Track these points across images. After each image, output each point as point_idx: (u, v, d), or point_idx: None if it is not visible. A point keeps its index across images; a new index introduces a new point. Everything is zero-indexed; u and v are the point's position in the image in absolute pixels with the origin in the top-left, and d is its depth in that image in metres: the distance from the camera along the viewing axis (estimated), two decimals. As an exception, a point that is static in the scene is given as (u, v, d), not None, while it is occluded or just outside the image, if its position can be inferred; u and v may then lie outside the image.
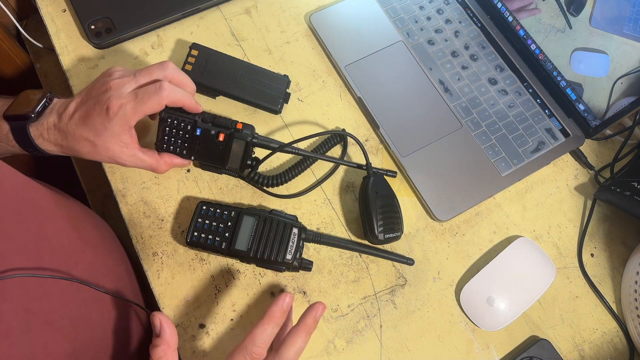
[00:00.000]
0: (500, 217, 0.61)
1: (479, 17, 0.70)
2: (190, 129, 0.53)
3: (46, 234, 0.47)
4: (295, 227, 0.53)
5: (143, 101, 0.48)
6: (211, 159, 0.55)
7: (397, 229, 0.55)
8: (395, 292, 0.56)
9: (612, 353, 0.57)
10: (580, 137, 0.64)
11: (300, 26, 0.68)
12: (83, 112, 0.49)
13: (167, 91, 0.49)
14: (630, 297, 0.56)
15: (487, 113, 0.64)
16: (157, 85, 0.49)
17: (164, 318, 0.42)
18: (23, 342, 0.40)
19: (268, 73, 0.61)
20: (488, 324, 0.54)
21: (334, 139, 0.60)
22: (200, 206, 0.54)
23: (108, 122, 0.48)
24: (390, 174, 0.58)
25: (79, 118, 0.49)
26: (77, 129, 0.49)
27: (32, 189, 0.49)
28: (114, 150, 0.50)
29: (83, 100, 0.50)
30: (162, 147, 0.54)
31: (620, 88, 0.57)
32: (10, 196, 0.44)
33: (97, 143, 0.49)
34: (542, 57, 0.65)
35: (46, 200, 0.50)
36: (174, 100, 0.50)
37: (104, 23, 0.63)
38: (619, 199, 0.57)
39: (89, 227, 0.57)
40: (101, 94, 0.49)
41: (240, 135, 0.53)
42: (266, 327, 0.42)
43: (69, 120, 0.49)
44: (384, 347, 0.54)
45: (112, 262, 0.58)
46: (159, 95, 0.48)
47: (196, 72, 0.59)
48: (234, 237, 0.52)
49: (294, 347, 0.42)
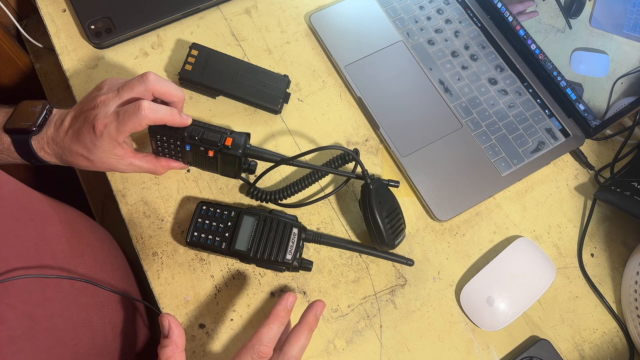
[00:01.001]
0: (500, 217, 0.61)
1: (479, 17, 0.70)
2: (180, 144, 0.52)
3: (46, 238, 0.48)
4: (295, 227, 0.53)
5: (124, 122, 0.47)
6: (206, 168, 0.56)
7: (402, 231, 0.55)
8: (395, 292, 0.56)
9: (612, 353, 0.57)
10: (580, 137, 0.64)
11: (300, 26, 0.68)
12: (75, 129, 0.49)
13: (145, 111, 0.47)
14: (630, 297, 0.56)
15: (487, 113, 0.64)
16: (136, 106, 0.47)
17: (172, 319, 0.43)
18: (27, 348, 0.40)
19: (268, 73, 0.61)
20: (488, 324, 0.54)
21: (342, 159, 0.57)
22: (200, 206, 0.54)
23: (97, 141, 0.48)
24: (393, 184, 0.56)
25: (72, 134, 0.49)
26: (72, 145, 0.49)
27: (29, 195, 0.49)
28: (109, 162, 0.51)
29: (76, 115, 0.50)
30: (158, 155, 0.55)
31: (620, 88, 0.57)
32: (8, 202, 0.44)
33: (91, 158, 0.50)
34: (542, 57, 0.65)
35: (43, 206, 0.50)
36: (154, 120, 0.48)
37: (104, 23, 0.63)
38: (619, 199, 0.57)
39: (87, 231, 0.57)
40: (89, 111, 0.49)
41: (229, 151, 0.51)
42: (272, 326, 0.43)
43: (64, 136, 0.50)
44: (384, 347, 0.54)
45: (111, 267, 0.58)
46: (138, 116, 0.47)
47: (196, 72, 0.59)
48: (234, 237, 0.52)
49: (298, 344, 0.43)
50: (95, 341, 0.50)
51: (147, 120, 0.47)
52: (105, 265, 0.57)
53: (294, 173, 0.60)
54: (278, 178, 0.59)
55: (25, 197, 0.48)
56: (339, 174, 0.56)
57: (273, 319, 0.43)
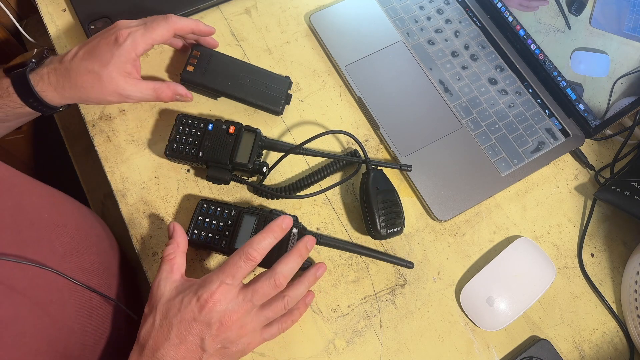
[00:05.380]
0: (500, 217, 0.61)
1: (479, 17, 0.70)
2: (203, 126, 0.56)
3: (24, 209, 0.48)
4: (295, 227, 0.53)
5: (152, 28, 0.52)
6: (219, 154, 0.55)
7: (398, 224, 0.55)
8: (395, 292, 0.56)
9: (612, 353, 0.57)
10: (580, 137, 0.64)
11: (300, 26, 0.68)
12: (89, 48, 0.52)
13: (175, 18, 0.53)
14: (630, 297, 0.56)
15: (487, 113, 0.64)
16: (165, 15, 0.53)
17: (177, 225, 0.49)
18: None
19: (270, 74, 0.61)
20: (488, 324, 0.54)
21: (348, 158, 0.59)
22: (201, 204, 0.54)
23: (116, 49, 0.51)
24: (405, 168, 0.58)
25: (85, 52, 0.52)
26: (82, 62, 0.51)
27: (5, 169, 0.49)
28: (117, 80, 0.52)
29: (88, 42, 0.53)
30: (172, 144, 0.55)
31: (620, 88, 0.57)
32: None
33: (101, 74, 0.51)
34: (542, 57, 0.65)
35: (20, 180, 0.51)
36: (183, 26, 0.54)
37: (104, 23, 0.63)
38: (619, 199, 0.57)
39: (69, 205, 0.58)
40: (108, 31, 0.53)
41: (250, 128, 0.56)
42: (265, 236, 0.45)
43: (73, 59, 0.52)
44: (384, 347, 0.54)
45: (96, 238, 0.59)
46: (168, 21, 0.53)
47: (198, 73, 0.59)
48: (234, 236, 0.52)
49: (287, 265, 0.45)
50: (74, 327, 0.50)
51: (177, 26, 0.53)
52: (90, 237, 0.57)
53: (298, 175, 0.60)
54: (280, 179, 0.59)
55: (1, 170, 0.48)
56: (344, 159, 0.58)
57: (267, 231, 0.45)
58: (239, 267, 0.43)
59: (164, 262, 0.46)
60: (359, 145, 0.56)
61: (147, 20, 0.54)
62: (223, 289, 0.42)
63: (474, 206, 0.60)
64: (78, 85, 0.51)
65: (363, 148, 0.56)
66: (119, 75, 0.51)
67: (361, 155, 0.58)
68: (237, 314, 0.42)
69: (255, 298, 0.43)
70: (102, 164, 0.58)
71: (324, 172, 0.58)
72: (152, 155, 0.59)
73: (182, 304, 0.42)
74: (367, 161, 0.57)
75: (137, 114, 0.61)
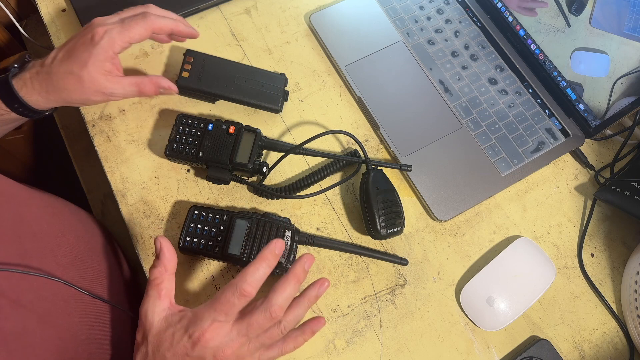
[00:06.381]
0: (500, 217, 0.61)
1: (479, 17, 0.70)
2: (203, 126, 0.56)
3: (24, 220, 0.48)
4: (289, 229, 0.52)
5: (130, 26, 0.50)
6: (219, 154, 0.55)
7: (398, 224, 0.55)
8: (395, 292, 0.56)
9: (612, 353, 0.57)
10: (580, 137, 0.64)
11: (300, 26, 0.68)
12: (67, 49, 0.50)
13: (153, 16, 0.50)
14: (630, 297, 0.56)
15: (487, 113, 0.64)
16: (143, 13, 0.50)
17: (164, 242, 0.44)
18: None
19: (265, 73, 0.61)
20: (488, 324, 0.54)
21: (347, 160, 0.59)
22: (192, 211, 0.53)
23: (93, 48, 0.49)
24: (406, 168, 0.58)
25: (63, 55, 0.50)
26: (62, 64, 0.50)
27: (3, 181, 0.49)
28: (98, 79, 0.50)
29: (66, 43, 0.52)
30: (172, 144, 0.55)
31: (620, 88, 0.57)
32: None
33: (81, 74, 0.50)
34: (542, 57, 0.65)
35: (19, 190, 0.50)
36: (162, 26, 0.51)
37: (104, 23, 0.62)
38: (619, 199, 0.57)
39: (67, 213, 0.57)
40: (84, 30, 0.51)
41: (250, 128, 0.56)
42: (258, 266, 0.41)
43: (53, 61, 0.50)
44: (384, 347, 0.54)
45: (97, 245, 0.58)
46: (146, 20, 0.50)
47: (194, 79, 0.59)
48: (227, 241, 0.51)
49: (284, 294, 0.41)
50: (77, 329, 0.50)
51: (154, 25, 0.51)
52: (90, 244, 0.57)
53: (298, 175, 0.60)
54: (280, 179, 0.59)
55: (0, 183, 0.48)
56: (344, 159, 0.58)
57: (260, 259, 0.41)
58: (232, 305, 0.40)
59: (150, 287, 0.43)
60: (359, 145, 0.56)
61: (124, 16, 0.52)
62: (215, 326, 0.40)
63: (474, 206, 0.60)
64: (61, 88, 0.50)
65: (363, 148, 0.56)
66: (99, 74, 0.50)
67: (361, 155, 0.58)
68: (231, 349, 0.40)
69: (250, 332, 0.41)
70: (102, 164, 0.58)
71: (324, 172, 0.58)
72: (152, 155, 0.59)
73: (174, 339, 0.40)
74: (367, 161, 0.57)
75: (137, 114, 0.61)
